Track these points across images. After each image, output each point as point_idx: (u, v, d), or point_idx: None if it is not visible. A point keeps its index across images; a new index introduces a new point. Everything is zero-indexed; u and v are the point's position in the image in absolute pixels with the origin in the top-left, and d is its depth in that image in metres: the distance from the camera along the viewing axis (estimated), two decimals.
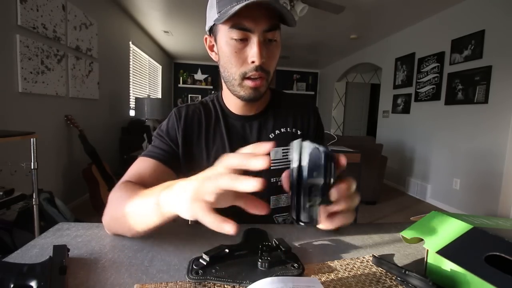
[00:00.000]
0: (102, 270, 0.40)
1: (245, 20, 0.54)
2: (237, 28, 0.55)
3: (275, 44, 0.59)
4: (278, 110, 0.73)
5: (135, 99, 4.02)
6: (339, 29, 4.23)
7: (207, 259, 0.39)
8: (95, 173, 2.59)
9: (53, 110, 2.42)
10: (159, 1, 3.46)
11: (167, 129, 0.68)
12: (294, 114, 0.73)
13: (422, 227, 0.43)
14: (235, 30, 0.55)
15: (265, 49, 0.57)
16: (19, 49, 1.97)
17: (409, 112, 3.94)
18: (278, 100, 0.75)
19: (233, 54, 0.57)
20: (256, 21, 0.54)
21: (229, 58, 0.58)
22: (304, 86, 7.44)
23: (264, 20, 0.55)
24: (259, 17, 0.54)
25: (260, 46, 0.55)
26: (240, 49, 0.57)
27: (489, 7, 2.78)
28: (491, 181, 2.72)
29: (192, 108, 0.71)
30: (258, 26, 0.55)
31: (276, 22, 0.57)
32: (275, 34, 0.58)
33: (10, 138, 1.46)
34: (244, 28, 0.55)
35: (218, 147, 0.69)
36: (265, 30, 0.55)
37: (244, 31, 0.55)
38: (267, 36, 0.57)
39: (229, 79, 0.61)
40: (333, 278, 0.40)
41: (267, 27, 0.55)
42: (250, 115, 0.71)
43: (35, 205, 1.59)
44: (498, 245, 0.33)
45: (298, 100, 0.77)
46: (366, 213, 2.95)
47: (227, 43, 0.57)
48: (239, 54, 0.57)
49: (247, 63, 0.58)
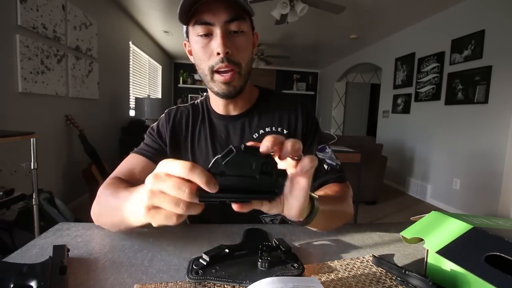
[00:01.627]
0: (102, 270, 0.40)
1: (204, 14, 0.56)
2: (199, 23, 0.56)
3: (243, 35, 0.59)
4: (264, 109, 0.71)
5: (135, 99, 4.02)
6: (339, 29, 4.23)
7: (207, 259, 0.39)
8: (95, 173, 2.59)
9: (53, 110, 2.42)
10: (159, 1, 3.46)
11: (158, 129, 0.71)
12: (281, 112, 0.71)
13: (422, 227, 0.43)
14: (198, 26, 0.57)
15: (230, 41, 0.57)
16: (19, 49, 1.97)
17: (409, 112, 3.94)
18: (266, 99, 0.73)
19: (200, 49, 0.59)
20: (215, 13, 0.56)
21: (197, 54, 0.60)
22: (304, 86, 7.44)
23: (223, 11, 0.55)
24: (218, 10, 0.55)
25: (223, 37, 0.56)
26: (206, 43, 0.58)
27: (489, 7, 2.78)
28: (491, 181, 2.72)
29: (182, 110, 0.73)
30: (218, 18, 0.56)
31: (239, 13, 0.57)
32: (240, 25, 0.58)
33: (10, 138, 1.46)
34: (204, 22, 0.56)
35: (202, 147, 0.69)
36: (227, 21, 0.56)
37: (206, 25, 0.56)
38: (230, 27, 0.57)
39: (203, 76, 0.63)
40: (333, 278, 0.40)
41: (227, 18, 0.56)
42: (234, 114, 0.70)
43: (35, 205, 1.59)
44: (498, 245, 0.33)
45: (287, 98, 0.74)
46: (366, 213, 2.95)
47: (195, 41, 0.59)
48: (205, 48, 0.58)
49: (214, 56, 0.58)
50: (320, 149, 0.69)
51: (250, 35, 0.62)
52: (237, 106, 0.69)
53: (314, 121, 0.73)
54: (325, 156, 0.68)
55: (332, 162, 0.68)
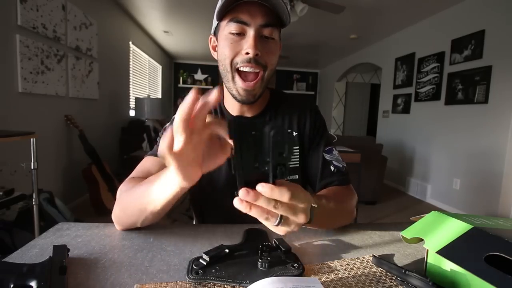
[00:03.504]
0: (102, 270, 0.40)
1: (242, 14, 0.56)
2: (235, 21, 0.57)
3: (273, 41, 0.60)
4: (276, 111, 0.72)
5: (135, 99, 4.02)
6: (339, 29, 4.23)
7: (207, 259, 0.39)
8: (95, 173, 2.59)
9: (53, 110, 2.42)
10: (159, 1, 3.46)
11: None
12: (291, 115, 0.72)
13: (422, 227, 0.43)
14: (233, 23, 0.57)
15: (261, 44, 0.58)
16: (19, 49, 1.97)
17: (409, 112, 3.94)
18: (277, 101, 0.74)
19: (229, 46, 0.59)
20: (253, 15, 0.56)
21: (224, 50, 0.60)
22: (304, 86, 7.43)
23: (260, 15, 0.56)
24: (256, 12, 0.56)
25: (256, 39, 0.57)
26: (236, 41, 0.58)
27: (489, 7, 2.78)
28: (491, 181, 2.72)
29: None
30: (255, 20, 0.56)
31: (274, 20, 0.58)
32: (273, 32, 0.59)
33: (10, 138, 1.46)
34: (241, 21, 0.56)
35: None
36: (262, 25, 0.57)
37: (241, 24, 0.57)
38: (264, 31, 0.58)
39: (224, 73, 0.62)
40: (333, 278, 0.40)
41: (263, 22, 0.57)
42: (248, 116, 0.71)
43: (35, 205, 1.59)
44: (498, 245, 0.34)
45: (296, 100, 0.76)
46: (366, 213, 2.95)
47: (225, 37, 0.59)
48: (234, 45, 0.59)
49: (241, 55, 0.58)
50: (327, 150, 0.71)
51: (278, 44, 0.63)
52: (252, 108, 0.70)
53: (322, 122, 0.75)
54: (332, 158, 0.70)
55: (339, 164, 0.69)
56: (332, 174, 0.68)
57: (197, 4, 3.46)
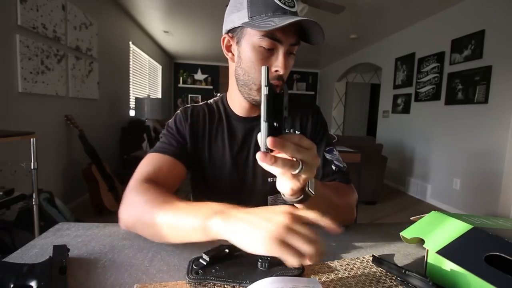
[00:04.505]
0: (102, 270, 0.40)
1: (277, 32, 0.56)
2: (270, 37, 0.57)
3: (293, 57, 0.62)
4: None
5: (135, 99, 4.02)
6: (339, 29, 4.23)
7: (207, 259, 0.39)
8: (95, 173, 2.59)
9: (53, 110, 2.42)
10: (159, 1, 3.46)
11: (176, 126, 0.70)
12: (294, 115, 0.74)
13: (422, 227, 0.43)
14: (267, 39, 0.57)
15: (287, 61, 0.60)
16: (19, 49, 1.97)
17: (409, 112, 3.94)
18: None
19: (259, 61, 0.59)
20: (286, 33, 0.57)
21: (254, 64, 0.60)
22: (304, 86, 7.43)
23: (292, 34, 0.58)
24: (289, 31, 0.57)
25: (285, 58, 0.58)
26: (267, 57, 0.59)
27: (489, 7, 2.78)
28: (491, 181, 2.72)
29: (198, 108, 0.73)
30: (287, 39, 0.57)
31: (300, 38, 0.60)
32: (296, 48, 0.61)
33: (10, 138, 1.46)
34: (276, 39, 0.57)
35: (219, 147, 0.70)
36: (292, 43, 0.58)
37: (275, 41, 0.57)
38: (291, 49, 0.59)
39: (249, 83, 0.63)
40: (333, 278, 0.40)
41: (294, 41, 0.58)
42: (253, 116, 0.71)
43: (35, 205, 1.59)
44: (498, 245, 0.33)
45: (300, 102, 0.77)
46: (366, 213, 2.95)
47: (255, 49, 0.59)
48: (265, 61, 0.59)
49: (270, 71, 0.59)
50: (328, 150, 0.72)
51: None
52: (258, 109, 0.71)
53: (324, 123, 0.76)
54: (332, 158, 0.71)
55: (339, 164, 0.70)
56: (333, 173, 0.69)
57: (197, 4, 3.46)
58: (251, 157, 0.70)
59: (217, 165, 0.70)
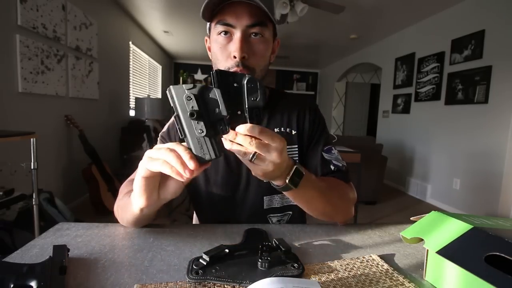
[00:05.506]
0: (102, 270, 0.40)
1: (228, 16, 0.56)
2: (221, 24, 0.57)
3: (262, 40, 0.59)
4: (274, 110, 0.71)
5: (135, 99, 4.02)
6: (339, 29, 4.23)
7: (207, 259, 0.39)
8: (95, 173, 2.59)
9: (53, 110, 2.42)
10: (159, 1, 3.46)
11: (168, 131, 0.71)
12: (290, 114, 0.71)
13: (422, 227, 0.43)
14: (219, 25, 0.57)
15: (247, 45, 0.57)
16: (19, 49, 1.97)
17: (409, 112, 3.94)
18: (276, 100, 0.73)
19: (219, 49, 0.59)
20: (239, 16, 0.56)
21: (216, 54, 0.60)
22: (304, 86, 7.43)
23: (247, 15, 0.56)
24: (242, 13, 0.56)
25: (242, 41, 0.56)
26: (224, 44, 0.58)
27: (489, 7, 2.78)
28: (491, 181, 2.72)
29: None
30: (241, 21, 0.56)
31: (261, 19, 0.57)
32: (262, 30, 0.58)
33: (10, 138, 1.46)
34: (227, 23, 0.56)
35: None
36: (249, 25, 0.56)
37: (227, 26, 0.57)
38: (251, 31, 0.57)
39: None
40: (333, 278, 0.40)
41: (250, 23, 0.56)
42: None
43: (35, 205, 1.59)
44: (498, 245, 0.33)
45: (297, 99, 0.75)
46: (366, 213, 2.95)
47: (215, 39, 0.60)
48: (224, 49, 0.59)
49: (230, 58, 0.58)
50: (326, 150, 0.69)
51: (270, 42, 0.62)
52: None
53: (321, 120, 0.73)
54: (331, 157, 0.69)
55: (338, 163, 0.68)
56: (332, 172, 0.67)
57: (197, 4, 3.46)
58: None
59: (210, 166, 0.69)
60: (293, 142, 0.69)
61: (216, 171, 0.68)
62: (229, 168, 0.68)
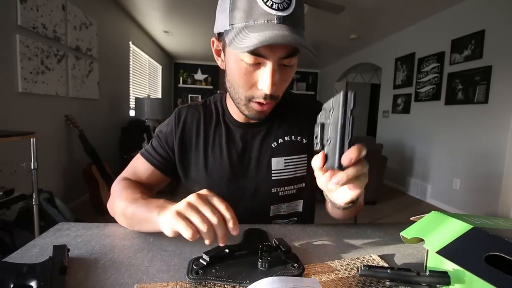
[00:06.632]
0: (102, 270, 0.40)
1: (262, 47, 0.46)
2: (253, 53, 0.48)
3: (291, 68, 0.54)
4: (284, 116, 0.68)
5: (135, 99, 4.02)
6: (339, 29, 4.23)
7: (207, 259, 0.39)
8: (95, 173, 2.59)
9: (53, 110, 2.42)
10: (159, 1, 3.46)
11: (165, 134, 0.68)
12: (299, 120, 0.68)
13: (422, 227, 0.43)
14: (248, 54, 0.48)
15: (277, 75, 0.51)
16: (19, 49, 1.97)
17: (409, 112, 3.94)
18: (285, 105, 0.68)
19: (242, 76, 0.52)
20: (274, 49, 0.48)
21: (237, 78, 0.53)
22: (304, 86, 7.43)
23: (282, 48, 0.49)
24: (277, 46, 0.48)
25: (273, 75, 0.49)
26: (250, 72, 0.51)
27: (489, 7, 2.78)
28: (491, 181, 2.72)
29: (192, 110, 0.69)
30: (274, 54, 0.48)
31: (295, 49, 0.51)
32: (292, 60, 0.52)
33: (10, 138, 1.46)
34: (259, 54, 0.48)
35: (216, 153, 0.66)
36: (282, 57, 0.50)
37: (259, 57, 0.49)
38: (283, 62, 0.51)
39: (235, 97, 0.58)
40: (333, 278, 0.40)
41: (284, 55, 0.49)
42: (254, 122, 0.66)
43: (35, 205, 1.59)
44: (498, 245, 0.33)
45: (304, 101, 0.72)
46: (366, 213, 2.95)
47: (237, 63, 0.51)
48: (248, 77, 0.52)
49: (255, 88, 0.53)
50: None
51: (295, 68, 0.57)
52: None
53: None
54: None
55: None
56: None
57: (197, 4, 3.46)
58: (252, 166, 0.66)
59: (214, 173, 0.65)
60: (303, 151, 0.66)
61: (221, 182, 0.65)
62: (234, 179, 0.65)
